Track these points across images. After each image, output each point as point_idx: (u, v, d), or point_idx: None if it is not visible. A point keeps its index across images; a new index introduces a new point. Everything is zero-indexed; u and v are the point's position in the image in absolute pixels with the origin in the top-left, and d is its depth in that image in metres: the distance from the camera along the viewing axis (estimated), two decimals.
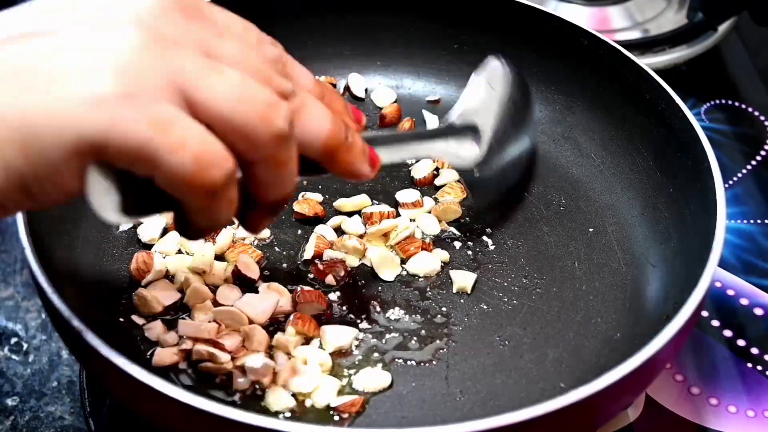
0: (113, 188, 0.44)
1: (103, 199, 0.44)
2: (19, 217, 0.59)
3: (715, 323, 0.75)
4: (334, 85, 0.83)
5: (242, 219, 0.49)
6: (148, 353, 0.63)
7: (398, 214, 0.73)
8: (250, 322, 0.64)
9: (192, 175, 0.43)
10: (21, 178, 0.42)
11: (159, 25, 0.44)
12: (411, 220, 0.72)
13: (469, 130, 0.66)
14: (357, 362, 0.64)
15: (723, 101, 0.94)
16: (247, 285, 0.67)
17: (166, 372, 0.62)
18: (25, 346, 0.74)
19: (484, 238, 0.72)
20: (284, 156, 0.46)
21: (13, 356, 0.73)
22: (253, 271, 0.67)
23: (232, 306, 0.65)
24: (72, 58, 0.42)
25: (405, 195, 0.74)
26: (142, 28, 0.44)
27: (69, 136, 0.41)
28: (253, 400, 0.61)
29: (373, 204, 0.74)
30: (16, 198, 0.43)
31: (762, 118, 0.92)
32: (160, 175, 0.43)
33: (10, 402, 0.70)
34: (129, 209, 0.45)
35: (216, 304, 0.65)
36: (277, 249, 0.71)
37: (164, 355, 0.62)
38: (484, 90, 0.67)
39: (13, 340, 0.74)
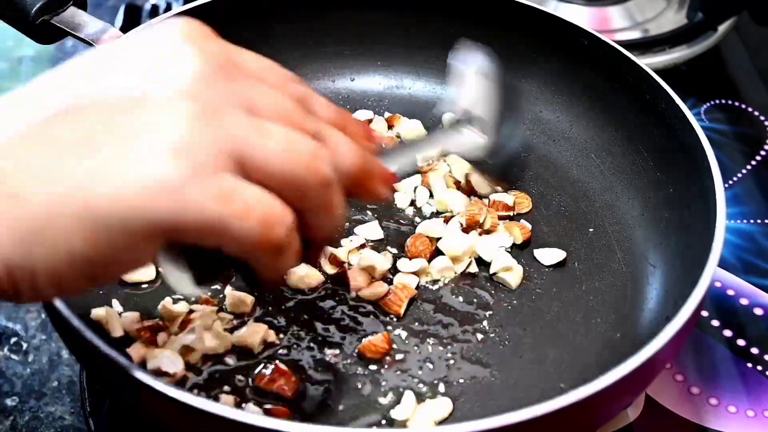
0: (185, 265, 0.47)
1: (179, 276, 0.47)
2: None
3: (715, 323, 0.74)
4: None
5: (303, 257, 0.51)
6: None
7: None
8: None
9: (260, 237, 0.45)
10: (88, 265, 0.43)
11: (204, 93, 0.45)
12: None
13: (474, 122, 0.67)
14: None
15: (723, 101, 0.94)
16: None
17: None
18: (25, 345, 0.74)
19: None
20: (332, 198, 0.48)
21: (13, 356, 0.73)
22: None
23: None
24: (128, 140, 0.43)
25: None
26: (190, 100, 0.44)
27: (138, 223, 0.42)
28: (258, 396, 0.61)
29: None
30: (79, 282, 0.44)
31: (762, 118, 0.92)
32: (231, 243, 0.44)
33: (9, 402, 0.70)
34: (203, 279, 0.48)
35: None
36: None
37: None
38: (476, 80, 0.68)
39: (13, 339, 0.74)
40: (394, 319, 0.66)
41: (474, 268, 0.70)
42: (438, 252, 0.70)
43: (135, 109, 0.44)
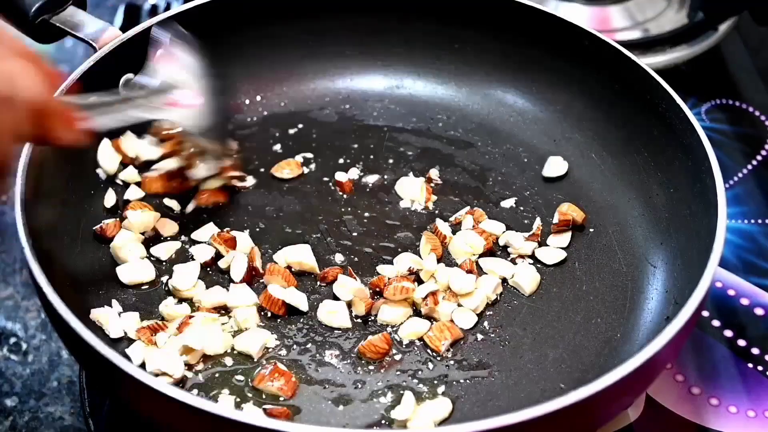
0: None
1: None
2: (19, 217, 0.59)
3: (716, 323, 0.74)
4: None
5: None
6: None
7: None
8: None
9: None
10: None
11: None
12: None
13: (175, 88, 0.69)
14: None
15: (723, 101, 0.94)
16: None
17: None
18: (25, 346, 0.74)
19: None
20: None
21: (12, 356, 0.73)
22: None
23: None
24: None
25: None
26: None
27: None
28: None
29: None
30: None
31: (762, 117, 0.92)
32: None
33: (9, 402, 0.70)
34: None
35: None
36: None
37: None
38: (177, 60, 0.70)
39: (12, 340, 0.74)
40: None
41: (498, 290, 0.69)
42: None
43: None
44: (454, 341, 0.65)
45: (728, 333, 0.74)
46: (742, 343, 0.73)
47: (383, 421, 0.61)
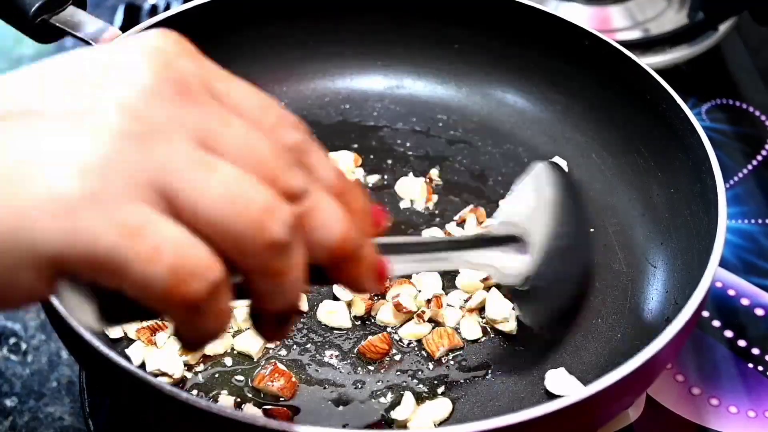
0: (89, 296, 0.38)
1: (80, 307, 0.38)
2: None
3: (716, 323, 0.74)
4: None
5: (255, 326, 0.44)
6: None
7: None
8: None
9: (168, 288, 0.36)
10: None
11: (150, 112, 0.38)
12: None
13: (514, 240, 0.58)
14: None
15: (724, 101, 0.94)
16: None
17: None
18: (24, 346, 0.74)
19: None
20: (281, 266, 0.39)
21: (12, 356, 0.73)
22: None
23: None
24: (40, 151, 0.36)
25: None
26: (126, 113, 0.37)
27: (24, 247, 0.35)
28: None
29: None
30: None
31: (763, 117, 0.92)
32: (132, 288, 0.36)
33: (8, 402, 0.70)
34: (110, 317, 0.40)
35: None
36: None
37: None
38: (531, 196, 0.60)
39: (12, 340, 0.74)
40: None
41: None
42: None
43: (58, 120, 0.38)
44: (452, 349, 0.65)
45: (728, 333, 0.74)
46: (742, 343, 0.73)
47: (383, 422, 0.61)
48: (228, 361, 0.64)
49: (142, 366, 0.62)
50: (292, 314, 0.43)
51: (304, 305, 0.66)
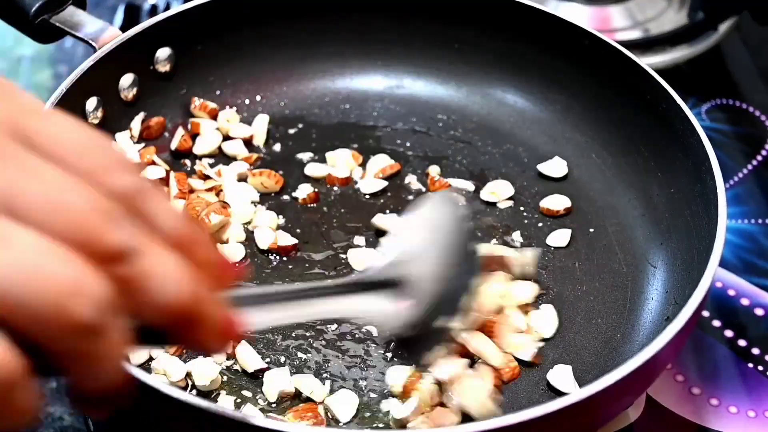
0: None
1: None
2: None
3: (716, 323, 0.74)
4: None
5: (75, 405, 0.38)
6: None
7: None
8: None
9: None
10: None
11: None
12: None
13: (395, 284, 0.51)
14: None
15: (724, 101, 0.94)
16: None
17: None
18: None
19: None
20: (92, 349, 0.34)
21: None
22: None
23: None
24: None
25: None
26: None
27: None
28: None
29: None
30: None
31: (763, 117, 0.92)
32: None
33: None
34: None
35: None
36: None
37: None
38: (423, 233, 0.54)
39: None
40: None
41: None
42: None
43: None
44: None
45: (728, 333, 0.74)
46: (742, 343, 0.73)
47: (382, 424, 0.61)
48: (228, 361, 0.64)
49: (142, 366, 0.62)
50: (115, 396, 0.37)
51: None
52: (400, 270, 0.51)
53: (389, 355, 0.64)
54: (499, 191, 0.75)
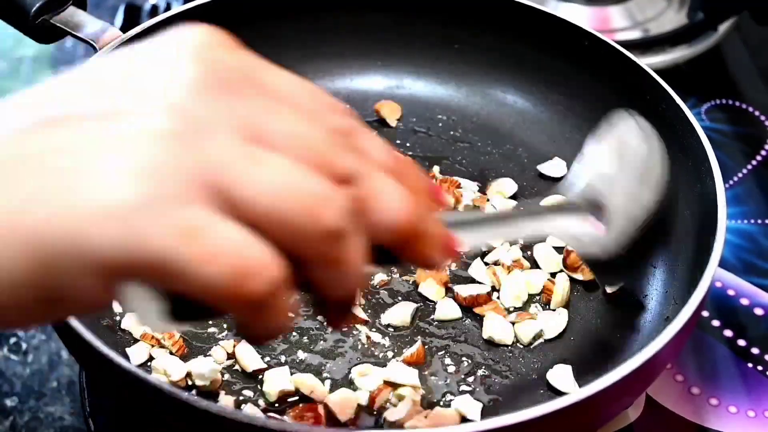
0: (153, 297, 0.38)
1: (144, 308, 0.38)
2: None
3: (716, 323, 0.74)
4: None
5: (320, 314, 0.44)
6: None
7: None
8: None
9: (228, 288, 0.36)
10: (32, 299, 0.37)
11: (194, 109, 0.38)
12: None
13: (593, 207, 0.56)
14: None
15: (723, 101, 0.94)
16: None
17: None
18: (25, 345, 0.74)
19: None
20: (339, 254, 0.39)
21: (12, 356, 0.73)
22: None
23: None
24: (90, 156, 0.36)
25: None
26: (173, 115, 0.37)
27: (85, 255, 0.35)
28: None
29: None
30: (40, 310, 0.37)
31: (762, 118, 0.92)
32: (193, 290, 0.36)
33: (9, 402, 0.70)
34: (175, 316, 0.39)
35: None
36: None
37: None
38: (612, 157, 0.58)
39: (13, 339, 0.74)
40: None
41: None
42: None
43: (105, 122, 0.37)
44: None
45: (728, 333, 0.74)
46: (742, 343, 0.73)
47: (382, 422, 0.61)
48: (228, 361, 0.64)
49: (142, 366, 0.62)
50: (352, 301, 0.42)
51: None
52: (598, 194, 0.55)
53: (389, 354, 0.64)
54: (503, 190, 0.75)
